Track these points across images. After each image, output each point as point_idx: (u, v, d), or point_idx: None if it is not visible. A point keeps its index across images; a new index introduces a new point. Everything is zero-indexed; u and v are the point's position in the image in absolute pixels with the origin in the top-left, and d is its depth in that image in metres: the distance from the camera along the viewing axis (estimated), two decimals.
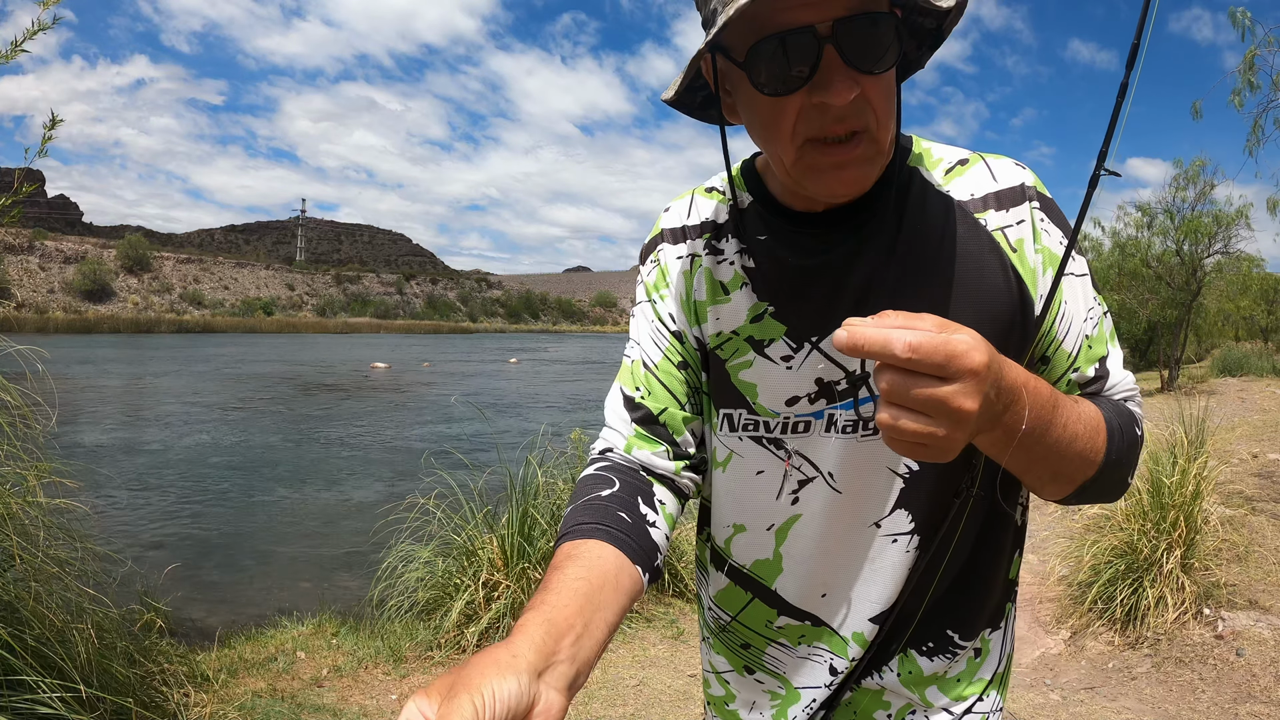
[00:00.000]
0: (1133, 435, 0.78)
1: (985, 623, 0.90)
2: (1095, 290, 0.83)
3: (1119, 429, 0.75)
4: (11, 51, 2.23)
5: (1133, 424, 0.79)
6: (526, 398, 19.63)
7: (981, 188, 0.78)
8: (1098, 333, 0.81)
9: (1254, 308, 20.16)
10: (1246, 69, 6.08)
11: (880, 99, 0.68)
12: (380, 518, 3.96)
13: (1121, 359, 0.84)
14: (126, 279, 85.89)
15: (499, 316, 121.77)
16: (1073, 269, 0.79)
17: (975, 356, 0.54)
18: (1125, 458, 0.76)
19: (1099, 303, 0.82)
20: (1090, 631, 3.70)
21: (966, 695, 0.91)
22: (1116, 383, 0.83)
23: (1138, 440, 0.79)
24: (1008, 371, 0.60)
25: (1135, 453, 0.79)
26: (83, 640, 2.22)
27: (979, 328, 0.58)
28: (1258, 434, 7.83)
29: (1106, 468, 0.73)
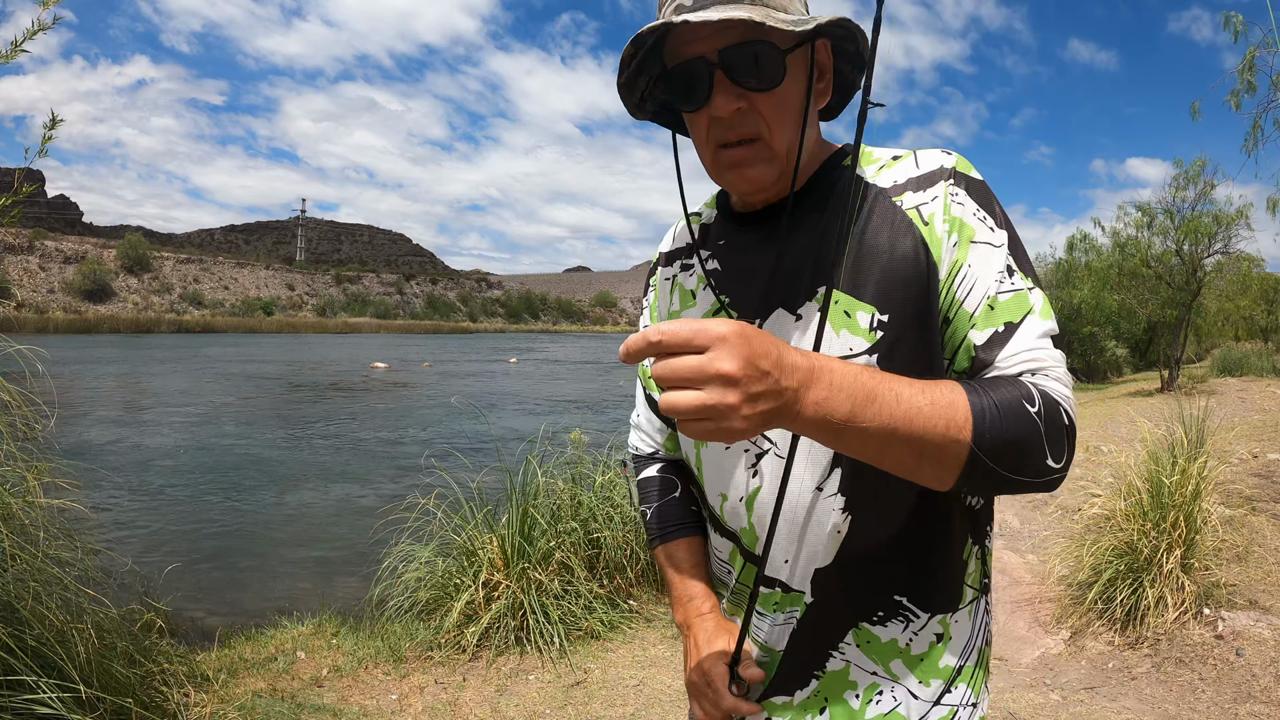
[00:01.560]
0: (1018, 412, 0.73)
1: (942, 601, 0.91)
2: (1022, 267, 0.85)
3: (991, 407, 0.72)
4: (12, 51, 2.23)
5: (1019, 402, 0.73)
6: (526, 398, 19.63)
7: (904, 175, 0.88)
8: (1008, 301, 0.82)
9: (1254, 308, 20.18)
10: (1245, 69, 6.08)
11: (771, 111, 0.83)
12: (380, 518, 3.96)
13: (1042, 334, 0.81)
14: (126, 279, 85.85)
15: (499, 316, 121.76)
16: (987, 238, 0.85)
17: (719, 328, 0.61)
18: (1011, 437, 0.71)
19: (1023, 279, 0.84)
20: (1090, 631, 3.70)
21: (931, 681, 0.91)
22: (1017, 350, 0.80)
23: (1030, 418, 0.73)
24: (791, 353, 0.65)
25: (1030, 431, 0.72)
26: (82, 640, 2.22)
27: (890, 292, 0.83)
28: (1258, 434, 7.83)
29: (984, 449, 0.71)
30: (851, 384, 0.68)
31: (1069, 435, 0.76)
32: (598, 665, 3.33)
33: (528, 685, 3.15)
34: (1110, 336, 24.25)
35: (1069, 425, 0.76)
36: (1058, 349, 0.82)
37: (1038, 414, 0.73)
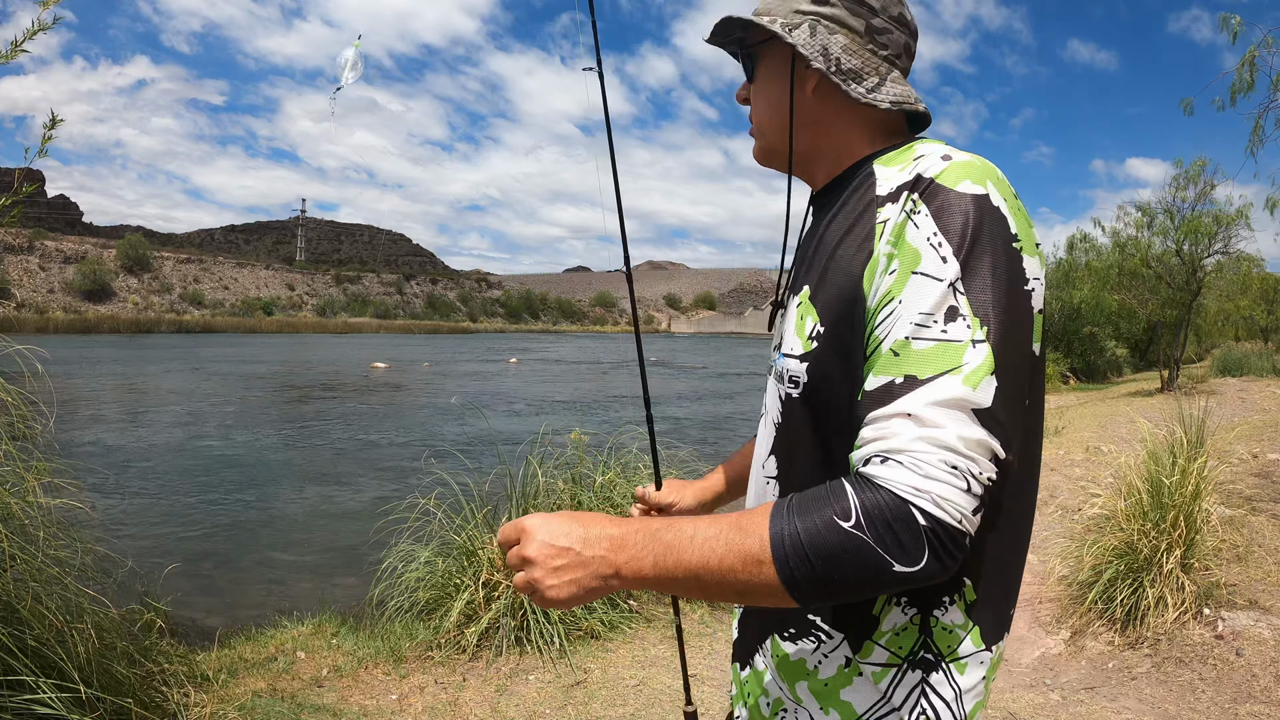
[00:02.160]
0: (826, 532, 0.65)
1: (857, 625, 0.82)
2: (978, 312, 0.70)
3: (792, 534, 0.67)
4: (12, 51, 2.23)
5: (829, 520, 0.66)
6: (526, 398, 19.63)
7: (895, 182, 0.81)
8: (926, 351, 0.69)
9: (1254, 308, 20.18)
10: (1245, 69, 6.08)
11: (756, 99, 0.99)
12: (380, 518, 3.96)
13: (950, 403, 0.67)
14: (126, 279, 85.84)
15: (499, 316, 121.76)
16: (931, 269, 0.72)
17: (527, 523, 0.77)
18: (824, 560, 0.66)
19: (967, 328, 0.69)
20: (1090, 631, 3.70)
21: (830, 711, 0.84)
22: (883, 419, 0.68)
23: (845, 535, 0.65)
24: (605, 526, 0.75)
25: (849, 547, 0.65)
26: (82, 640, 2.22)
27: (833, 306, 0.81)
28: (1258, 434, 7.83)
29: (796, 580, 0.67)
30: (652, 541, 0.72)
31: (932, 532, 0.64)
32: (598, 665, 3.33)
33: (528, 685, 3.15)
34: (1110, 336, 24.26)
35: (928, 522, 0.64)
36: (971, 424, 0.67)
37: (855, 527, 0.65)
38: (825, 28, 0.90)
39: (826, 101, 0.92)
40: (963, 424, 0.67)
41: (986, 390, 0.68)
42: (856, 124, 0.93)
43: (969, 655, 0.81)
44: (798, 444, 0.87)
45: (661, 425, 13.68)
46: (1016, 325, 0.72)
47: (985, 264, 0.71)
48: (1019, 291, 0.73)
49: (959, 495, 0.65)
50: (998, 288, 0.71)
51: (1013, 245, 0.74)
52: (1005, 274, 0.72)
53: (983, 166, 0.77)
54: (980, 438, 0.67)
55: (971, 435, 0.66)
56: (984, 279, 0.71)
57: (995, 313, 0.70)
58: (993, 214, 0.74)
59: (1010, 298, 0.72)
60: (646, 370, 1.45)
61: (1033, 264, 0.75)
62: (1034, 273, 0.75)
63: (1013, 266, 0.73)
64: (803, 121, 0.94)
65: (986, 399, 0.68)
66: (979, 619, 0.81)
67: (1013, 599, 0.87)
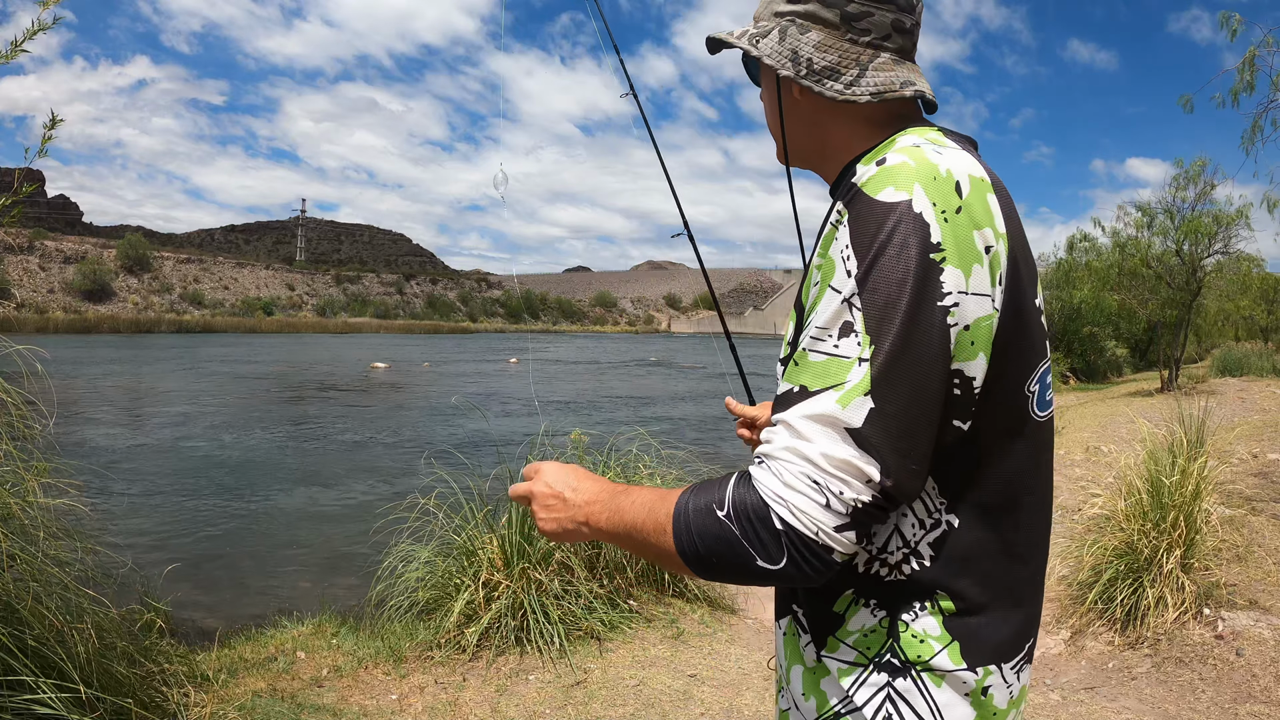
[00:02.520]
0: (706, 516, 0.72)
1: (821, 620, 0.83)
2: (871, 331, 0.69)
3: (686, 510, 0.74)
4: (12, 51, 2.23)
5: (709, 505, 0.72)
6: (526, 398, 19.62)
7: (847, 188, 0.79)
8: (818, 364, 0.71)
9: (1254, 308, 20.18)
10: (1245, 69, 6.08)
11: (764, 106, 0.99)
12: (380, 518, 3.96)
13: (822, 419, 0.68)
14: (126, 279, 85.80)
15: (499, 316, 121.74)
16: (837, 282, 0.72)
17: (539, 465, 0.92)
18: (706, 540, 0.72)
19: (859, 346, 0.69)
20: (1090, 631, 3.70)
21: (810, 697, 0.85)
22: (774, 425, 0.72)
23: (716, 522, 0.71)
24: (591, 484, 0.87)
25: (720, 534, 0.70)
26: (82, 640, 2.22)
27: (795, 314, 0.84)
28: (1258, 434, 7.83)
29: (687, 553, 0.74)
30: (611, 501, 0.84)
31: (787, 537, 0.67)
32: (598, 665, 3.33)
33: (528, 685, 3.15)
34: (1110, 336, 24.26)
35: (783, 528, 0.67)
36: (837, 442, 0.67)
37: (727, 516, 0.70)
38: (798, 27, 0.88)
39: (818, 103, 0.90)
40: (830, 441, 0.68)
41: (857, 410, 0.68)
42: (849, 120, 0.90)
43: (946, 671, 0.77)
44: None
45: (660, 425, 13.67)
46: (918, 345, 0.69)
47: (886, 279, 0.69)
48: (927, 308, 0.69)
49: (815, 509, 0.67)
50: (895, 305, 0.69)
51: (929, 256, 0.70)
52: (911, 289, 0.69)
53: (918, 168, 0.73)
54: (846, 457, 0.67)
55: (836, 454, 0.67)
56: (881, 294, 0.69)
57: (887, 331, 0.69)
58: (905, 223, 0.70)
59: (911, 314, 0.69)
60: (646, 369, 1.47)
61: (953, 276, 0.70)
62: (955, 285, 0.70)
63: (923, 281, 0.69)
64: (801, 123, 0.93)
65: (857, 419, 0.67)
66: (958, 633, 0.78)
67: (1015, 621, 0.80)
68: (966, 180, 0.74)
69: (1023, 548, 0.82)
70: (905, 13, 0.87)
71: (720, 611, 4.05)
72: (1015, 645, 0.81)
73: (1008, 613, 0.80)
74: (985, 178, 0.77)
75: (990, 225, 0.74)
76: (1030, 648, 0.83)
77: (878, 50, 0.87)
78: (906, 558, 0.78)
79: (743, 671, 3.35)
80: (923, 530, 0.78)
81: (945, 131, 0.87)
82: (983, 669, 0.78)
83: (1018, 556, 0.81)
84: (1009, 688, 0.80)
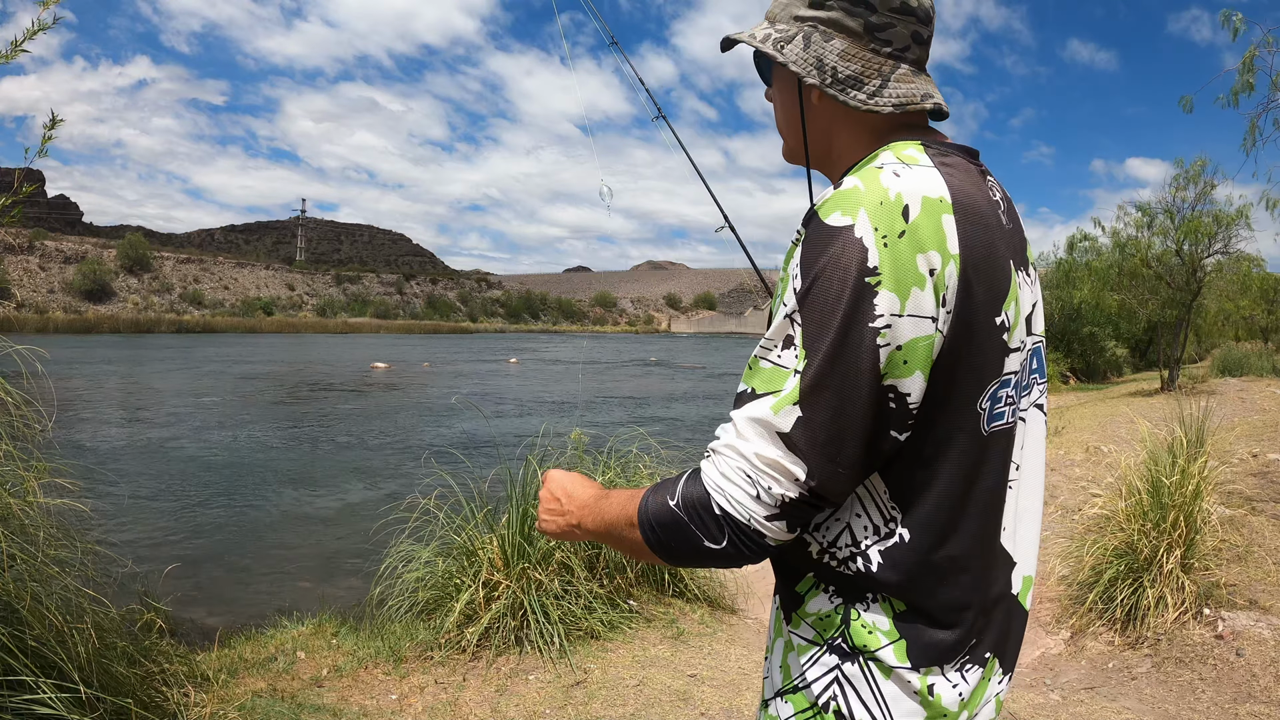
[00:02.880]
0: (661, 507, 0.82)
1: (787, 599, 0.90)
2: (808, 345, 0.76)
3: (647, 505, 0.85)
4: (12, 51, 2.23)
5: (664, 499, 0.83)
6: (526, 398, 19.63)
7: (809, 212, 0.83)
8: (765, 371, 0.79)
9: (1254, 308, 20.14)
10: (1245, 69, 6.07)
11: (776, 106, 1.01)
12: (380, 517, 3.96)
13: (761, 422, 0.76)
14: (126, 279, 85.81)
15: (499, 316, 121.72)
16: (786, 297, 0.79)
17: (549, 473, 1.05)
18: (663, 528, 0.82)
19: (798, 359, 0.76)
20: (1090, 631, 3.70)
21: (775, 673, 0.91)
22: (725, 424, 0.82)
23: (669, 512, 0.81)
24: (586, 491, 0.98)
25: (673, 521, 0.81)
26: (82, 640, 2.22)
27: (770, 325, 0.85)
28: (1258, 434, 7.83)
29: (652, 542, 0.84)
30: (594, 505, 0.94)
31: (724, 521, 0.77)
32: (598, 665, 3.33)
33: (528, 685, 3.15)
34: (1110, 336, 24.27)
35: (721, 513, 0.77)
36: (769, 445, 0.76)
37: (677, 506, 0.81)
38: (821, 34, 0.89)
39: (833, 109, 0.92)
40: (763, 442, 0.76)
41: (787, 417, 0.75)
42: (855, 127, 0.93)
43: (893, 666, 0.81)
44: None
45: (659, 425, 13.67)
46: (845, 361, 0.74)
47: (823, 299, 0.75)
48: (857, 329, 0.74)
49: (747, 500, 0.76)
50: (828, 324, 0.75)
51: (864, 280, 0.74)
52: (843, 310, 0.74)
53: (867, 193, 0.77)
54: (775, 458, 0.75)
55: (766, 454, 0.76)
56: (817, 313, 0.76)
57: (819, 348, 0.75)
58: (846, 248, 0.75)
59: (842, 333, 0.74)
60: (646, 368, 1.49)
61: (887, 299, 0.74)
62: (888, 308, 0.74)
63: (856, 303, 0.74)
64: (815, 127, 0.95)
65: (786, 425, 0.75)
66: (906, 633, 0.81)
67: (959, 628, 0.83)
68: (919, 203, 0.77)
69: (971, 557, 0.84)
70: (924, 25, 0.90)
71: (720, 611, 4.05)
72: (956, 649, 0.83)
73: (952, 619, 0.83)
74: (945, 197, 0.78)
75: (938, 248, 0.76)
76: (973, 646, 0.84)
77: (898, 61, 0.89)
78: (854, 556, 0.83)
79: (743, 671, 3.35)
80: (876, 537, 0.82)
81: (931, 146, 0.86)
82: (925, 669, 0.81)
83: (964, 567, 0.83)
84: (956, 688, 0.83)
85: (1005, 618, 0.89)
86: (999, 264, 0.82)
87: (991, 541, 0.86)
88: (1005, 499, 0.87)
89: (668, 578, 4.07)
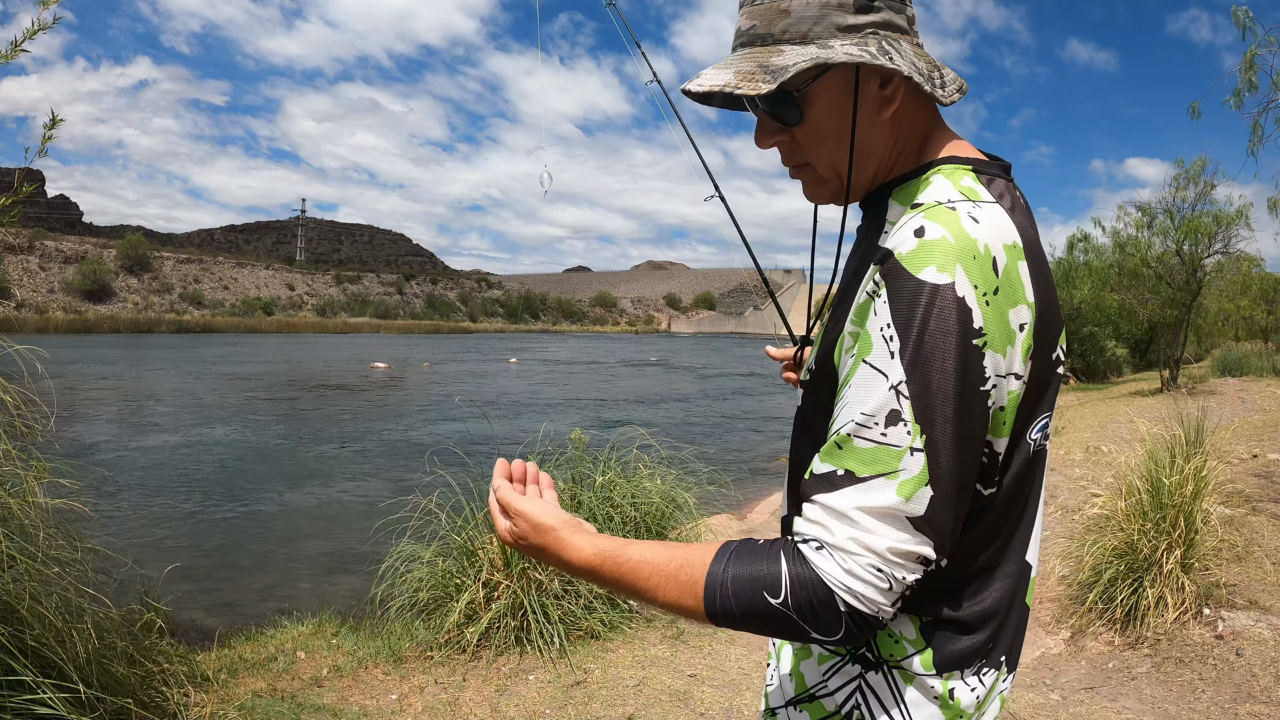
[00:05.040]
0: (752, 598, 0.72)
1: None
2: (920, 419, 0.69)
3: (725, 586, 0.74)
4: (12, 51, 2.23)
5: (759, 591, 0.72)
6: (526, 398, 19.63)
7: (891, 237, 0.75)
8: (865, 451, 0.70)
9: (1254, 308, 20.14)
10: (1246, 69, 6.07)
11: (808, 142, 0.85)
12: (380, 517, 3.96)
13: (881, 512, 0.69)
14: (126, 279, 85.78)
15: (499, 316, 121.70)
16: (880, 363, 0.71)
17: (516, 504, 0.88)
18: (747, 618, 0.73)
19: (909, 435, 0.69)
20: (1090, 631, 3.70)
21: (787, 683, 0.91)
22: (826, 508, 0.72)
23: (767, 607, 0.72)
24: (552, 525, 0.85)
25: (770, 615, 0.72)
26: (82, 640, 2.22)
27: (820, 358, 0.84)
28: (1258, 434, 7.82)
29: (722, 622, 0.75)
30: (599, 539, 0.82)
31: (848, 616, 0.70)
32: (598, 665, 3.33)
33: (528, 685, 3.15)
34: (1110, 336, 24.25)
35: (845, 611, 0.70)
36: (901, 532, 0.69)
37: (782, 604, 0.71)
38: (885, 39, 0.80)
39: (876, 117, 0.83)
40: (894, 534, 0.70)
41: (920, 500, 0.69)
42: (893, 132, 0.85)
43: (917, 674, 0.81)
44: (797, 446, 0.92)
45: (659, 425, 13.66)
46: (965, 432, 0.70)
47: (932, 367, 0.69)
48: (971, 394, 0.70)
49: (879, 594, 0.70)
50: (943, 394, 0.69)
51: (972, 343, 0.69)
52: (956, 377, 0.69)
53: (958, 246, 0.70)
54: (909, 548, 0.70)
55: (901, 545, 0.70)
56: (928, 383, 0.69)
57: (938, 421, 0.69)
58: (949, 309, 0.69)
59: (960, 402, 0.69)
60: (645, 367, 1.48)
61: (993, 360, 0.71)
62: (994, 369, 0.71)
63: (967, 368, 0.69)
64: (879, 144, 0.85)
65: (920, 508, 0.69)
66: (932, 641, 0.81)
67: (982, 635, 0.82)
68: (1002, 253, 0.72)
69: (1005, 574, 0.84)
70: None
71: None
72: (978, 654, 0.84)
73: (979, 627, 0.83)
74: (1017, 242, 0.74)
75: (1023, 300, 0.73)
76: (992, 650, 0.85)
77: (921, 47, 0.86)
78: None
79: (743, 671, 3.35)
80: None
81: (981, 171, 0.81)
82: (947, 674, 0.82)
83: (996, 580, 0.84)
84: (974, 690, 0.83)
85: (1018, 621, 0.89)
86: (1056, 299, 0.79)
87: (1022, 557, 0.87)
88: (1038, 516, 0.87)
89: None
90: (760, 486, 8.69)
